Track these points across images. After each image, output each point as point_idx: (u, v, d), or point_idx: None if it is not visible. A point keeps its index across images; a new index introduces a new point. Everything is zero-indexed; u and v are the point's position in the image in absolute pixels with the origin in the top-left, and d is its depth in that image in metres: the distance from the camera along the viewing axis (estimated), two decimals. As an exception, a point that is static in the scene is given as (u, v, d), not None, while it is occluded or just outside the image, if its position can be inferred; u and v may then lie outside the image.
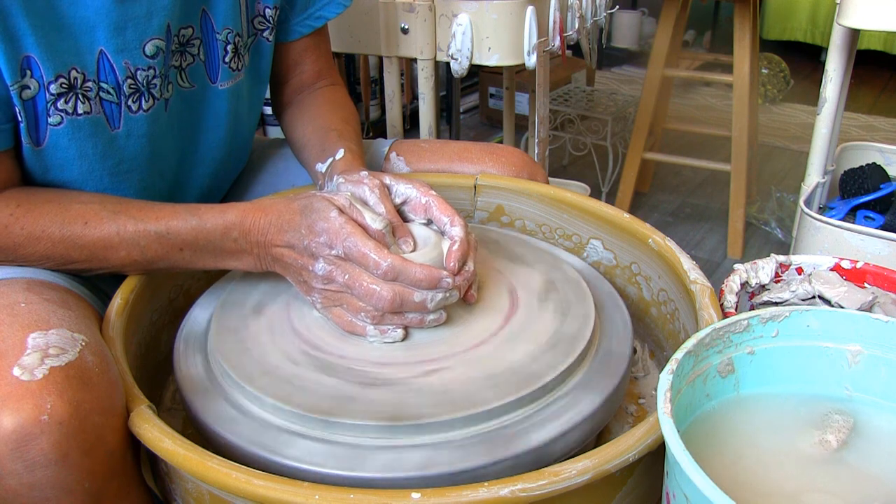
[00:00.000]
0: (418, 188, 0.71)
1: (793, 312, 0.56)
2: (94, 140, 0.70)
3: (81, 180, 0.72)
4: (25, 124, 0.66)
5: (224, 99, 0.82)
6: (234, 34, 0.81)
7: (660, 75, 1.95)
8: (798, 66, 3.38)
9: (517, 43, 1.23)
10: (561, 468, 0.50)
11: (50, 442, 0.50)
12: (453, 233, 0.68)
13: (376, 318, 0.65)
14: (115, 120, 0.72)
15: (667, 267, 0.76)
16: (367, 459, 0.55)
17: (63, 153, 0.69)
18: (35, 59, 0.64)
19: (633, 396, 0.76)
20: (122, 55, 0.70)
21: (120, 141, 0.73)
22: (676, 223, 2.10)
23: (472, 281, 0.69)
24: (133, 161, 0.75)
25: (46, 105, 0.66)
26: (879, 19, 1.06)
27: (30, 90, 0.65)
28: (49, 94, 0.66)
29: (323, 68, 0.95)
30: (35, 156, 0.69)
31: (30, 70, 0.65)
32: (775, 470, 0.52)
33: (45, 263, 0.67)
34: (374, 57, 2.38)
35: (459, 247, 0.66)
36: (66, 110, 0.67)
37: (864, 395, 0.56)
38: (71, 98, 0.67)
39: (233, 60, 0.81)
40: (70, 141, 0.69)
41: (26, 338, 0.55)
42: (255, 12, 0.84)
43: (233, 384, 0.62)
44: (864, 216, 1.31)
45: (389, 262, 0.62)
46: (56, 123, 0.68)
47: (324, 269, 0.65)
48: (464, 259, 0.66)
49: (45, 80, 0.65)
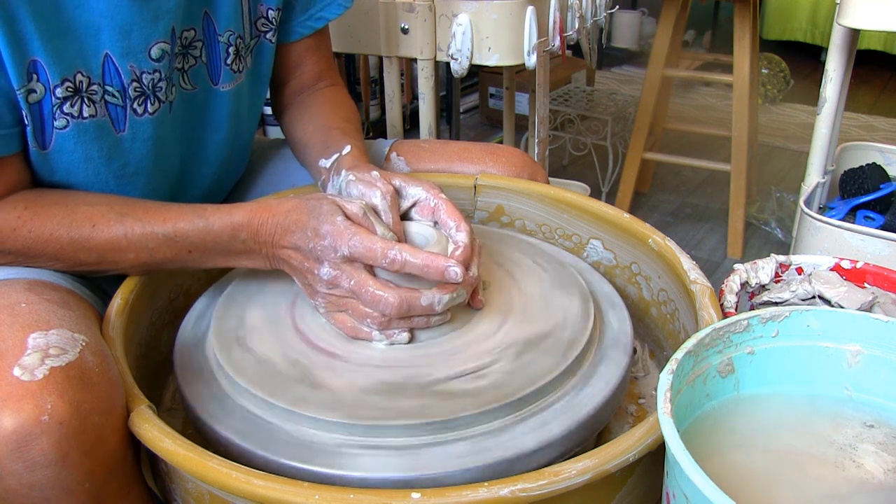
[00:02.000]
0: (428, 190, 0.71)
1: (793, 312, 0.56)
2: (100, 143, 0.70)
3: (87, 183, 0.72)
4: (32, 128, 0.66)
5: (226, 101, 0.82)
6: (236, 36, 0.81)
7: (660, 75, 1.95)
8: (798, 66, 3.38)
9: (517, 43, 1.23)
10: (561, 468, 0.50)
11: (50, 442, 0.50)
12: (458, 238, 0.68)
13: (383, 324, 0.64)
14: (120, 123, 0.72)
15: (667, 267, 0.76)
16: (370, 459, 0.55)
17: (69, 156, 0.69)
18: (41, 63, 0.64)
19: (633, 396, 0.76)
20: (128, 59, 0.70)
21: (125, 144, 0.73)
22: (676, 223, 2.10)
23: (477, 286, 0.68)
24: (139, 164, 0.75)
25: (52, 109, 0.66)
26: (879, 19, 1.06)
27: (36, 94, 0.65)
28: (55, 98, 0.66)
29: (324, 69, 0.95)
30: (41, 159, 0.69)
31: (36, 74, 0.65)
32: (775, 470, 0.52)
33: (56, 265, 0.67)
34: (374, 57, 2.38)
35: (462, 252, 0.66)
36: (71, 114, 0.68)
37: (864, 395, 0.56)
38: (77, 101, 0.67)
39: (234, 62, 0.81)
40: (76, 144, 0.69)
41: (27, 338, 0.55)
42: (258, 14, 0.84)
43: (233, 384, 0.62)
44: (864, 216, 1.31)
45: (397, 250, 0.62)
46: (62, 127, 0.68)
47: (329, 273, 0.64)
48: (467, 264, 0.66)
49: (50, 84, 0.65)
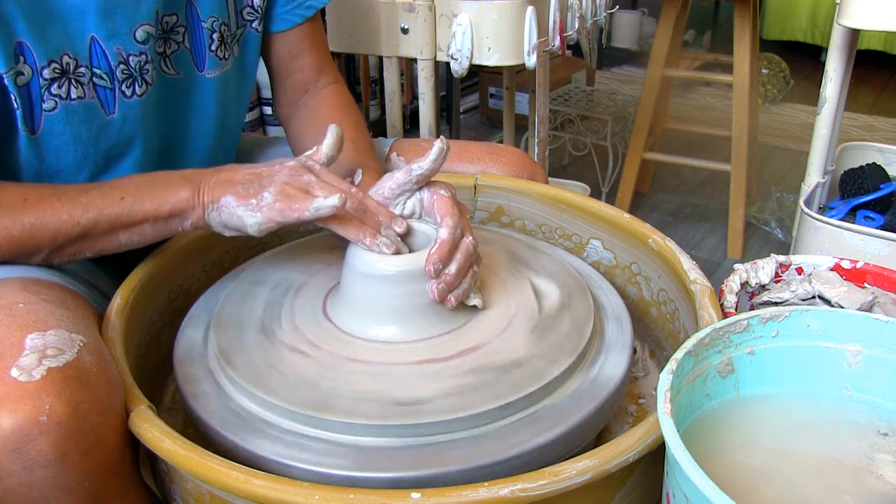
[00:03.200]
0: (432, 189, 0.69)
1: (793, 312, 0.56)
2: (88, 125, 0.71)
3: (77, 166, 0.72)
4: (21, 111, 0.67)
5: (212, 87, 0.83)
6: (220, 23, 0.81)
7: (660, 75, 1.95)
8: (798, 66, 3.37)
9: (517, 43, 1.23)
10: (561, 468, 0.50)
11: (49, 442, 0.50)
12: (439, 233, 0.66)
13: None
14: (109, 105, 0.72)
15: (667, 267, 0.76)
16: (370, 459, 0.55)
17: (58, 139, 0.70)
18: (27, 45, 0.65)
19: (633, 396, 0.76)
20: (113, 41, 0.71)
21: (115, 126, 0.73)
22: (676, 223, 2.10)
23: (456, 286, 0.66)
24: (127, 145, 0.75)
25: (41, 90, 0.67)
26: (879, 19, 1.06)
27: (24, 76, 0.66)
28: (42, 80, 0.67)
29: (323, 62, 0.95)
30: (31, 144, 0.69)
31: (23, 56, 0.65)
32: (775, 470, 0.52)
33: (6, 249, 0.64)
34: (374, 57, 2.38)
35: (438, 249, 0.64)
36: (59, 95, 0.68)
37: (864, 395, 0.56)
38: (64, 83, 0.68)
39: (219, 49, 0.82)
40: (65, 126, 0.70)
41: (24, 339, 0.55)
42: (244, 3, 0.84)
43: (233, 384, 0.62)
44: (864, 216, 1.31)
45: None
46: (50, 109, 0.68)
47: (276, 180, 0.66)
48: (443, 262, 0.64)
49: (38, 66, 0.66)
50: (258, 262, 0.80)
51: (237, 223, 0.66)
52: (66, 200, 0.64)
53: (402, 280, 0.65)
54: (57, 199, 0.64)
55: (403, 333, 0.66)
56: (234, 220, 0.66)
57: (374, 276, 0.66)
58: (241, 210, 0.66)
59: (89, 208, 0.65)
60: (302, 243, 0.83)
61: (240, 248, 0.88)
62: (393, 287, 0.66)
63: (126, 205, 0.66)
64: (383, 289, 0.66)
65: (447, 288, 0.65)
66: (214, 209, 0.67)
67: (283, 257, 0.80)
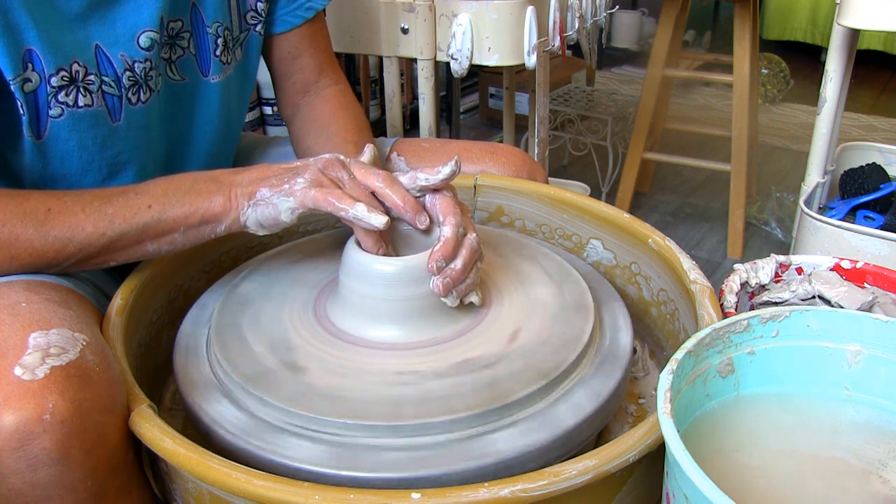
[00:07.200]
0: (435, 192, 0.69)
1: (793, 312, 0.56)
2: (94, 132, 0.71)
3: (81, 171, 0.72)
4: (27, 117, 0.67)
5: (216, 92, 0.83)
6: (224, 27, 0.81)
7: (660, 75, 1.95)
8: (798, 66, 3.37)
9: (517, 43, 1.23)
10: (561, 468, 0.50)
11: (52, 440, 0.51)
12: (442, 231, 0.66)
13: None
14: (116, 112, 0.72)
15: (667, 267, 0.76)
16: (368, 459, 0.55)
17: (63, 145, 0.70)
18: (36, 53, 0.65)
19: (633, 396, 0.76)
20: (116, 48, 0.71)
21: (121, 133, 0.73)
22: (676, 223, 2.10)
23: (461, 280, 0.65)
24: (132, 152, 0.75)
25: (48, 98, 0.67)
26: (879, 19, 1.06)
27: (31, 83, 0.66)
28: (50, 87, 0.67)
29: (324, 63, 0.95)
30: (35, 149, 0.69)
31: (31, 63, 0.65)
32: (775, 470, 0.52)
33: (13, 264, 0.63)
34: (374, 57, 2.38)
35: (441, 246, 0.64)
36: (66, 102, 0.68)
37: (864, 395, 0.56)
38: (72, 91, 0.68)
39: (223, 54, 0.82)
40: (70, 133, 0.70)
41: (27, 337, 0.55)
42: (248, 7, 0.85)
43: (233, 384, 0.62)
44: (864, 216, 1.32)
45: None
46: (57, 115, 0.68)
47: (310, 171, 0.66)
48: (447, 259, 0.64)
49: (46, 73, 0.66)
50: (258, 262, 0.80)
51: (272, 213, 0.65)
52: (90, 211, 0.63)
53: (402, 280, 0.66)
54: (81, 209, 0.63)
55: (404, 335, 0.66)
56: (269, 211, 0.65)
57: (374, 276, 0.66)
58: (276, 198, 0.65)
59: (115, 219, 0.63)
60: (302, 243, 0.83)
61: (240, 249, 0.88)
62: (393, 288, 0.66)
63: (154, 213, 0.64)
64: (383, 290, 0.66)
65: (452, 282, 0.64)
66: (250, 206, 0.66)
67: (283, 257, 0.80)
